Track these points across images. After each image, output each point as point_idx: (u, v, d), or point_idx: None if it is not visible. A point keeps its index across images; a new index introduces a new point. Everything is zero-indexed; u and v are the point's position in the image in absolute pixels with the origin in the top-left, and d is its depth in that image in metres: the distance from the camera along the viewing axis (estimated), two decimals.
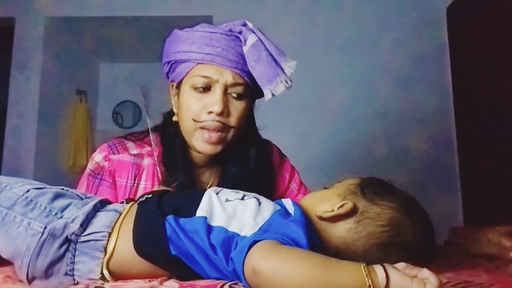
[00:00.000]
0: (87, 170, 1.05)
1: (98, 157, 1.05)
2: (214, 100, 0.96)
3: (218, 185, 1.06)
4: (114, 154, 1.04)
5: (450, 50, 2.63)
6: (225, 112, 0.96)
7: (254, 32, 0.98)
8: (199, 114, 0.97)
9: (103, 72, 3.78)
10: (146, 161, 1.05)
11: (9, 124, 2.76)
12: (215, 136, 0.97)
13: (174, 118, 1.05)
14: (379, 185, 0.75)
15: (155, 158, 1.04)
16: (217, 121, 0.96)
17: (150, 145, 1.07)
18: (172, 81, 1.05)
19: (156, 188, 0.96)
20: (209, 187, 1.06)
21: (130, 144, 1.07)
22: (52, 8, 2.84)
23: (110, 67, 3.76)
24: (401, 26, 2.68)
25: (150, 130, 1.08)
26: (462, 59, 2.50)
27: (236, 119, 0.99)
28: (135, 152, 1.06)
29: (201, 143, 0.99)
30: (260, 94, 1.00)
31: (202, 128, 0.98)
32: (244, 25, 1.00)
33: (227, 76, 0.97)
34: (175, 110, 1.06)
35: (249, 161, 1.07)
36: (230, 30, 0.99)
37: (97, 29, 3.07)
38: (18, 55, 2.81)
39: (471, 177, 2.43)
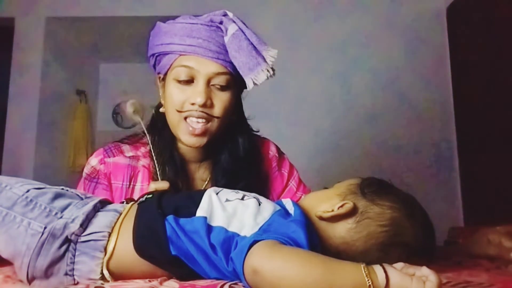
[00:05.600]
0: (84, 174, 1.06)
1: (93, 161, 1.05)
2: (197, 92, 0.96)
3: (211, 177, 1.08)
4: (109, 157, 1.05)
5: (450, 50, 2.63)
6: (208, 104, 0.97)
7: (234, 22, 0.97)
8: (183, 105, 0.98)
9: (103, 72, 3.78)
10: (142, 162, 1.06)
11: (9, 124, 2.76)
12: (199, 127, 0.98)
13: (161, 110, 1.06)
14: (379, 185, 0.75)
15: (153, 156, 1.05)
16: (201, 111, 0.97)
17: (145, 146, 1.08)
18: (159, 73, 1.06)
19: (152, 185, 0.96)
20: (206, 184, 1.08)
21: (125, 147, 1.08)
22: (52, 8, 2.84)
23: (110, 67, 3.76)
24: (401, 26, 2.69)
25: (145, 131, 1.09)
26: (462, 59, 2.50)
27: (221, 109, 0.99)
28: (130, 154, 1.06)
29: (186, 135, 0.99)
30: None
31: (186, 118, 0.98)
32: (225, 15, 1.00)
33: (209, 67, 0.97)
34: (162, 102, 1.06)
35: (238, 149, 1.08)
36: (211, 21, 0.99)
37: (97, 29, 3.06)
38: (18, 55, 2.81)
39: (471, 177, 2.43)
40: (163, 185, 0.94)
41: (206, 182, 1.08)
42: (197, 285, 0.63)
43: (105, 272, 0.69)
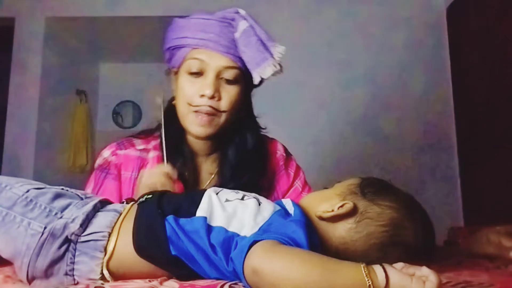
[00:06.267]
0: (96, 166, 1.10)
1: (106, 152, 1.10)
2: (206, 84, 1.00)
3: (218, 170, 1.11)
4: (121, 149, 1.09)
5: (450, 50, 2.63)
6: (216, 96, 1.01)
7: (245, 19, 1.02)
8: (193, 98, 1.02)
9: (103, 72, 3.78)
10: (151, 154, 1.10)
11: (9, 124, 2.76)
12: (206, 117, 1.01)
13: (173, 102, 1.09)
14: (379, 185, 0.75)
15: (164, 147, 1.07)
16: (209, 105, 1.00)
17: (156, 139, 1.11)
18: (173, 67, 1.10)
19: (157, 169, 0.98)
20: (213, 177, 1.11)
21: (137, 141, 1.12)
22: (52, 8, 2.84)
23: (110, 67, 3.76)
24: (401, 26, 2.69)
25: (163, 123, 1.11)
26: (462, 59, 2.50)
27: (228, 103, 1.02)
28: (141, 147, 1.11)
29: (194, 125, 1.03)
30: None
31: (195, 112, 1.02)
32: (237, 12, 1.04)
33: (219, 60, 1.01)
34: (175, 95, 1.10)
35: (245, 144, 1.11)
36: (224, 17, 1.04)
37: (97, 29, 3.06)
38: (18, 55, 2.81)
39: (471, 177, 2.43)
40: (168, 170, 0.97)
41: (213, 176, 1.11)
42: (197, 285, 0.63)
43: (105, 272, 0.69)
